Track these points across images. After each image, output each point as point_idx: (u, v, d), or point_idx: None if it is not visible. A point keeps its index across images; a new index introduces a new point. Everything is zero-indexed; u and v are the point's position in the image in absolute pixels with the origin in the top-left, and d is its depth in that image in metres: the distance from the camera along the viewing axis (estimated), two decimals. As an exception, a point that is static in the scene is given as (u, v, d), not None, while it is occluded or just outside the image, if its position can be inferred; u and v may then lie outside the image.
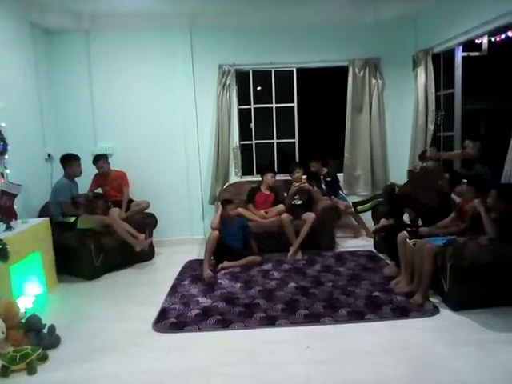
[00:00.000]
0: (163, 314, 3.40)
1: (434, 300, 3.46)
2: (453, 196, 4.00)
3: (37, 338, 2.91)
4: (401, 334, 3.00)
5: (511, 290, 3.27)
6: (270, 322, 3.22)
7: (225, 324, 3.21)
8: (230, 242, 4.52)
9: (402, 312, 3.27)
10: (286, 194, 5.13)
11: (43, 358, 2.76)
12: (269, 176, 5.15)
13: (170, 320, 3.29)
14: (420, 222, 4.13)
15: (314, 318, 3.24)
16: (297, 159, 5.71)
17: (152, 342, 3.02)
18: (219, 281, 4.09)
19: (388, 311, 3.29)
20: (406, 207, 4.32)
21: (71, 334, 3.11)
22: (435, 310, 3.29)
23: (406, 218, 4.50)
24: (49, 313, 3.50)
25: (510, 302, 3.27)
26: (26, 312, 3.12)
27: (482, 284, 3.25)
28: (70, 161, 4.55)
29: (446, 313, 3.27)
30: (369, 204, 5.19)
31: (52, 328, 3.02)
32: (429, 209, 4.03)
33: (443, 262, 3.31)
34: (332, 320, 3.21)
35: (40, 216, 4.46)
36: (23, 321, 3.03)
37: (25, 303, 3.59)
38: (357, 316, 3.25)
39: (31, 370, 2.64)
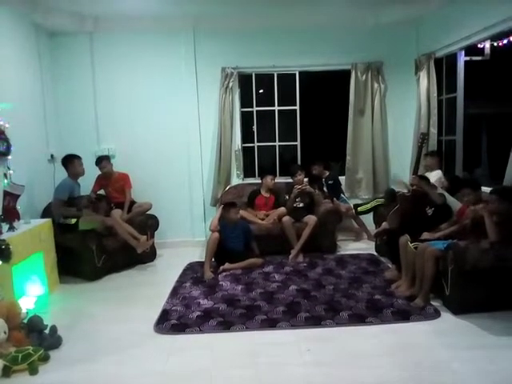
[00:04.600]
0: (164, 316, 3.40)
1: (435, 303, 3.46)
2: (448, 202, 4.00)
3: (38, 339, 2.92)
4: (402, 337, 3.00)
5: (512, 294, 3.28)
6: (271, 324, 3.23)
7: (226, 326, 3.21)
8: (232, 244, 4.52)
9: (402, 315, 3.27)
10: (287, 197, 5.14)
11: (45, 359, 2.77)
12: (268, 179, 5.17)
13: (171, 321, 3.30)
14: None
15: (314, 321, 3.24)
16: (299, 162, 5.73)
17: (153, 343, 3.02)
18: (220, 283, 4.10)
19: (389, 314, 3.29)
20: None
21: (73, 335, 3.13)
22: (436, 314, 3.29)
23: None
24: (50, 313, 3.51)
25: (511, 306, 3.27)
26: (27, 312, 3.14)
27: (483, 288, 3.25)
28: (71, 161, 4.56)
29: (446, 316, 3.27)
30: (369, 204, 5.20)
31: (54, 329, 3.03)
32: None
33: (444, 265, 3.32)
34: (333, 323, 3.21)
35: (43, 217, 4.48)
36: (25, 321, 3.04)
37: (27, 304, 3.60)
38: (358, 319, 3.25)
39: (33, 371, 2.65)
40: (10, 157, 3.91)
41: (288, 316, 3.33)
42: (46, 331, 3.01)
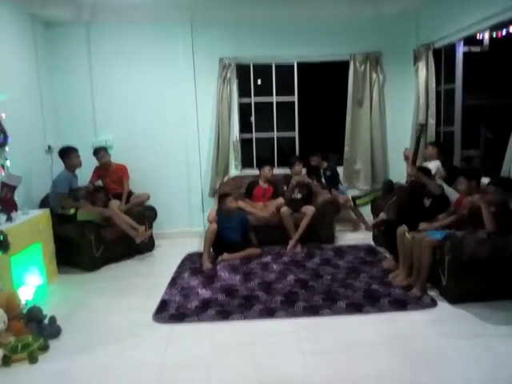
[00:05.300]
0: (163, 306, 3.42)
1: (432, 293, 3.48)
2: (446, 192, 4.02)
3: (38, 329, 2.94)
4: (399, 326, 3.02)
5: (509, 284, 3.30)
6: (269, 313, 3.25)
7: (224, 315, 3.23)
8: (230, 234, 4.53)
9: (400, 305, 3.30)
10: (285, 188, 5.15)
11: (44, 348, 2.79)
12: (266, 169, 5.17)
13: (170, 311, 3.32)
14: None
15: (312, 310, 3.27)
16: (297, 153, 5.72)
17: (152, 332, 3.04)
18: (219, 273, 4.11)
19: (386, 304, 3.32)
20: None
21: (72, 325, 3.14)
22: (433, 303, 3.31)
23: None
24: (49, 304, 3.53)
25: (508, 296, 3.30)
26: (26, 303, 3.15)
27: (479, 277, 3.28)
28: (68, 153, 4.55)
29: (443, 306, 3.29)
30: (367, 197, 5.23)
31: (53, 318, 3.05)
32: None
33: (441, 255, 3.34)
34: (330, 312, 3.24)
35: (40, 207, 4.48)
36: (24, 311, 3.06)
37: (26, 294, 3.60)
38: (355, 308, 3.28)
39: (32, 360, 2.67)
40: (7, 148, 3.89)
41: (286, 306, 3.35)
42: (46, 321, 3.03)
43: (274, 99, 5.70)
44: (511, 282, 3.28)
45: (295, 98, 5.67)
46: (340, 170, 5.64)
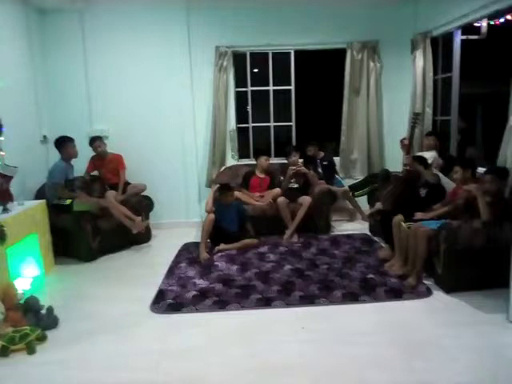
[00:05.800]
0: (161, 296, 3.44)
1: (427, 282, 3.51)
2: (442, 183, 4.02)
3: (35, 319, 2.95)
4: (394, 315, 3.05)
5: (503, 273, 3.31)
6: (266, 303, 3.27)
7: (221, 305, 3.25)
8: (227, 225, 4.54)
9: (395, 294, 3.32)
10: (282, 178, 5.14)
11: (42, 338, 2.80)
12: (262, 159, 5.16)
13: (167, 301, 3.33)
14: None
15: (309, 300, 3.29)
16: (293, 143, 5.71)
17: (149, 322, 3.06)
18: (216, 263, 4.12)
19: (382, 293, 3.34)
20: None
21: (69, 315, 3.15)
22: (428, 292, 3.34)
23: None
24: (46, 294, 3.53)
25: (502, 285, 3.30)
26: (23, 293, 3.16)
27: (474, 267, 3.31)
28: (64, 143, 4.52)
29: (438, 295, 3.32)
30: (366, 189, 5.23)
31: (50, 309, 3.06)
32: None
33: (437, 245, 3.36)
34: (327, 301, 3.26)
35: (36, 198, 4.46)
36: (21, 302, 3.06)
37: (22, 285, 3.61)
38: (351, 297, 3.30)
39: (30, 350, 2.68)
40: (1, 138, 3.86)
41: (283, 295, 3.37)
42: (43, 312, 3.03)
43: (271, 88, 5.67)
44: (506, 271, 3.29)
45: (292, 87, 5.63)
46: (336, 160, 5.64)
